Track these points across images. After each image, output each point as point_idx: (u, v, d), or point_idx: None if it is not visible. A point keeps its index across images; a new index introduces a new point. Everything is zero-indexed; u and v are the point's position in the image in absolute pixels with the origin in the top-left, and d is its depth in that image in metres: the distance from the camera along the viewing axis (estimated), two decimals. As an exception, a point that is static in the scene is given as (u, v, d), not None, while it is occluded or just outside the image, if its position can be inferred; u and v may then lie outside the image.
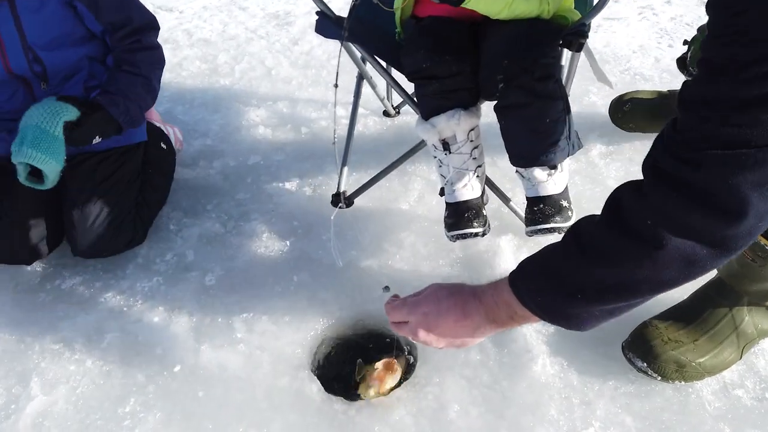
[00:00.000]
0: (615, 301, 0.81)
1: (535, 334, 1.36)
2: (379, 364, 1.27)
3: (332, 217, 1.33)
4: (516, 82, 1.26)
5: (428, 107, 1.42)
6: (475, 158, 1.40)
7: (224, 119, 2.25)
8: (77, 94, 1.56)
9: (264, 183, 1.93)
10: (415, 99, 1.53)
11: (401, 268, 1.58)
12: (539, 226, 1.34)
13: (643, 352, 1.22)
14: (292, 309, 1.48)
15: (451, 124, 1.38)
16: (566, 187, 1.39)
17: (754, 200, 0.65)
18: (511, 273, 0.91)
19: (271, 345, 1.38)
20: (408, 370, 1.34)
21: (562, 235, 1.23)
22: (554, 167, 1.36)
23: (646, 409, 1.22)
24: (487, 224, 1.44)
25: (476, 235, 1.43)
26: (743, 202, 0.66)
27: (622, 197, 0.79)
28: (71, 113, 1.42)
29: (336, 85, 1.62)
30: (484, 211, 1.44)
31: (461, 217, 1.41)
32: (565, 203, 1.35)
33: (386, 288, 1.07)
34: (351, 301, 1.50)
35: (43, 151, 1.36)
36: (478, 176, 1.42)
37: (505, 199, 1.61)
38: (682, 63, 1.76)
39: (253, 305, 1.49)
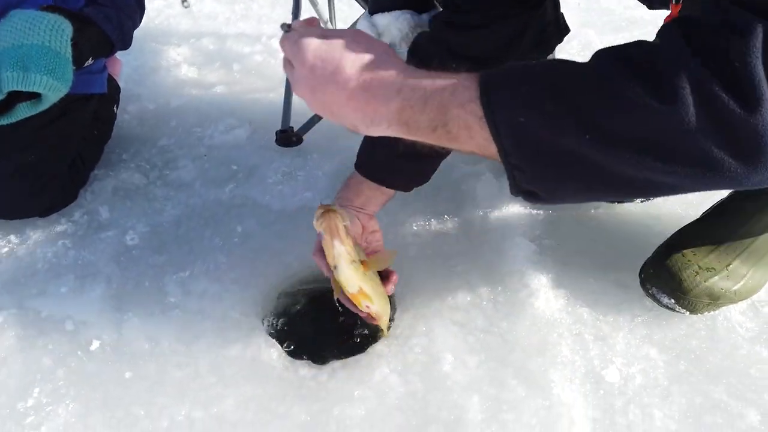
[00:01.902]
0: (639, 162, 0.53)
1: (531, 265, 1.15)
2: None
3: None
4: None
5: (377, 2, 1.17)
6: None
7: (138, 60, 1.91)
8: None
9: (192, 126, 1.62)
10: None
11: (365, 208, 1.34)
12: None
13: (671, 288, 1.01)
14: (239, 264, 1.21)
15: (393, 28, 1.15)
16: None
17: None
18: (484, 73, 0.59)
19: (214, 308, 1.11)
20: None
21: None
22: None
23: (670, 338, 1.04)
24: None
25: None
26: None
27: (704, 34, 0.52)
28: (69, 28, 1.10)
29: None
30: None
31: None
32: None
33: (286, 26, 0.70)
34: (310, 248, 1.24)
35: (58, 78, 1.07)
36: None
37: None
38: None
39: (188, 263, 1.21)
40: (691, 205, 1.27)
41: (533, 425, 0.91)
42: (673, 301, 1.02)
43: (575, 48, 1.92)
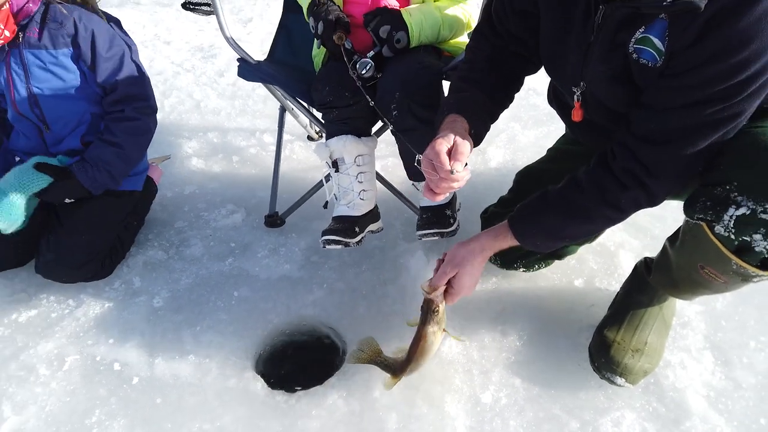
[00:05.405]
0: (582, 237, 1.36)
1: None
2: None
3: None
4: (405, 108, 1.53)
5: (330, 131, 1.67)
6: (360, 182, 1.64)
7: (157, 154, 2.41)
8: (75, 145, 1.77)
9: (201, 210, 2.11)
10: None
11: (329, 276, 1.82)
12: (424, 231, 1.61)
13: (619, 373, 1.41)
14: (235, 320, 1.68)
15: (339, 146, 1.63)
16: (452, 199, 1.66)
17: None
18: (512, 224, 1.30)
19: (217, 353, 1.58)
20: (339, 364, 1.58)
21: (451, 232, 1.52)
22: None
23: (533, 372, 1.50)
24: (357, 240, 1.65)
25: (339, 243, 1.63)
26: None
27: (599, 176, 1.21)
28: (42, 183, 1.66)
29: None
30: (357, 229, 1.65)
31: (336, 227, 1.64)
32: (448, 212, 1.62)
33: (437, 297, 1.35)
34: (287, 309, 1.72)
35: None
36: (362, 199, 1.65)
37: (416, 209, 1.88)
38: None
39: (199, 320, 1.68)
40: (569, 278, 1.75)
41: None
42: (623, 380, 1.42)
43: (503, 140, 2.43)
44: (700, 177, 1.13)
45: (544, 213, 1.27)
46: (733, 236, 1.07)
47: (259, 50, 3.25)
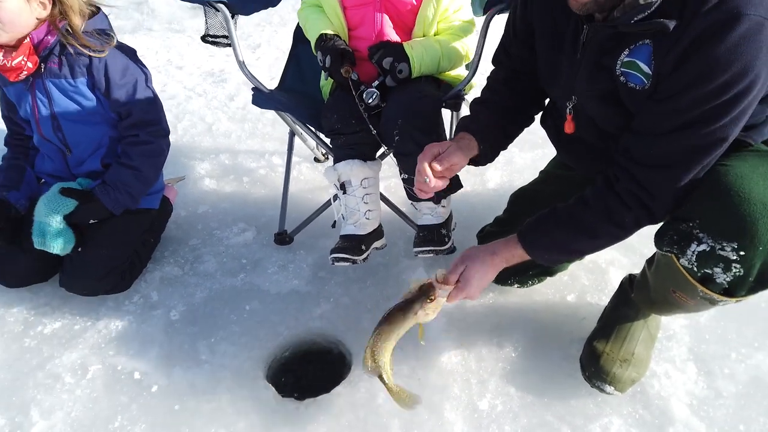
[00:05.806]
0: (587, 252, 1.42)
1: (443, 332, 1.73)
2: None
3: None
4: (407, 134, 1.65)
5: (337, 156, 1.80)
6: (366, 203, 1.76)
7: (173, 174, 2.53)
8: (95, 167, 1.89)
9: (213, 229, 2.23)
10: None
11: (335, 291, 1.92)
12: (420, 249, 1.72)
13: (608, 381, 1.51)
14: (247, 332, 1.79)
15: (347, 170, 1.75)
16: (448, 219, 1.78)
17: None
18: (522, 236, 1.37)
19: (231, 363, 1.68)
20: (344, 372, 1.68)
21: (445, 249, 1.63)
22: (437, 203, 1.74)
23: (528, 382, 1.60)
24: (363, 257, 1.75)
25: (348, 260, 1.73)
26: None
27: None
28: (69, 206, 1.78)
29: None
30: (363, 247, 1.75)
31: (344, 245, 1.74)
32: (443, 231, 1.73)
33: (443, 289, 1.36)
34: (295, 321, 1.83)
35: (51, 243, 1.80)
36: (367, 218, 1.76)
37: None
38: None
39: (213, 332, 1.79)
40: (561, 293, 1.86)
41: (429, 436, 1.47)
42: (612, 388, 1.52)
43: (500, 162, 2.55)
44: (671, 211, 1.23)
45: (554, 228, 1.34)
46: (695, 269, 1.18)
47: (267, 75, 3.39)
